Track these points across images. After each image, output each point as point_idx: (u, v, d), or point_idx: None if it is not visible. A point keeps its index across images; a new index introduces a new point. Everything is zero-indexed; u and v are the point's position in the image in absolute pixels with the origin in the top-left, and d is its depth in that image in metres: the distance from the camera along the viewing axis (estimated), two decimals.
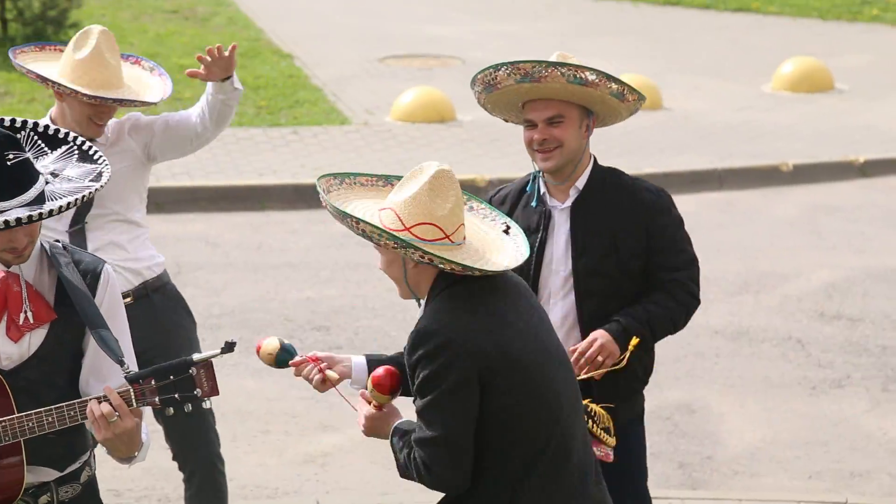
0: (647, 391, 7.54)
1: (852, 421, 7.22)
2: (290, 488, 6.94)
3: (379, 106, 13.15)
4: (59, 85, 5.79)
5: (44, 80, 5.88)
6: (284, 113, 13.21)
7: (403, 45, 16.53)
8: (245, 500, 6.74)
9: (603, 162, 5.71)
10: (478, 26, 17.78)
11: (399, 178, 4.09)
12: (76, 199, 4.05)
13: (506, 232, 4.22)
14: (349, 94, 13.90)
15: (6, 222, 3.88)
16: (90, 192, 4.08)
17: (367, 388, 4.19)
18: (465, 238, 4.00)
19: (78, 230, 5.90)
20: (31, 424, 4.09)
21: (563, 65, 4.91)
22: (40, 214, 3.93)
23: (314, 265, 9.38)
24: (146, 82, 6.01)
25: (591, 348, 4.89)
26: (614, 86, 4.96)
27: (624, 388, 5.06)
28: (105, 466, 4.73)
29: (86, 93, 5.68)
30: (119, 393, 3.96)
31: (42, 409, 4.04)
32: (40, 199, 3.99)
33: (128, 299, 5.70)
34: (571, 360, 4.75)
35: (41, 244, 4.20)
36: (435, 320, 3.92)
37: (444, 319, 3.91)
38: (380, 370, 4.11)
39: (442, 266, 3.87)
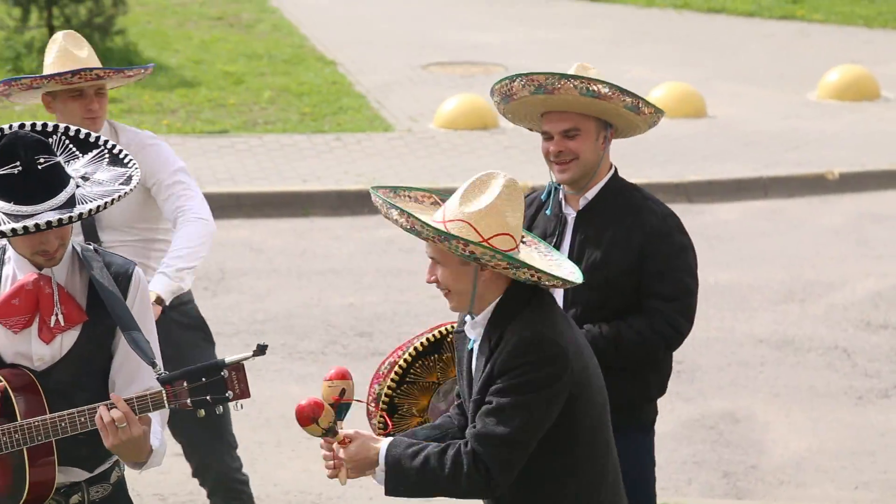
0: (690, 400, 7.45)
1: None
2: (334, 493, 6.93)
3: (422, 113, 13.14)
4: (30, 78, 5.84)
5: (18, 84, 5.93)
6: (328, 119, 13.18)
7: (447, 53, 16.51)
8: None
9: (645, 171, 5.85)
10: (521, 33, 17.74)
11: (445, 197, 4.06)
12: (105, 203, 4.08)
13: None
14: (392, 100, 13.92)
15: (36, 226, 3.92)
16: (120, 196, 4.11)
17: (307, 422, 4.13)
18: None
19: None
20: (46, 429, 4.18)
21: (575, 77, 4.90)
22: (70, 218, 3.97)
23: (357, 271, 9.44)
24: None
25: None
26: (628, 99, 4.96)
27: (630, 395, 5.09)
28: (151, 471, 4.72)
29: (47, 74, 5.72)
30: (152, 395, 4.02)
31: (55, 414, 4.15)
32: (71, 202, 4.04)
33: None
34: None
35: (73, 247, 4.25)
36: (547, 328, 4.02)
37: (553, 329, 4.02)
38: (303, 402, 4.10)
39: (530, 278, 3.99)
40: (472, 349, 4.34)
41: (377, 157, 11.88)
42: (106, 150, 4.33)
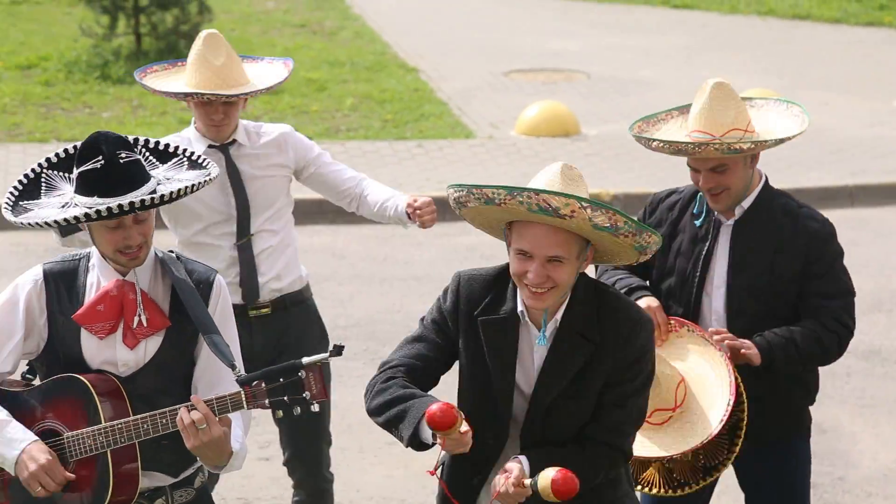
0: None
1: None
2: (416, 500, 6.89)
3: (504, 120, 13.14)
4: (156, 91, 5.96)
5: (156, 91, 6.04)
6: (410, 126, 13.21)
7: (528, 60, 16.45)
8: None
9: None
10: (601, 40, 17.64)
11: (522, 189, 4.04)
12: (187, 187, 4.09)
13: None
14: (474, 107, 13.91)
15: (120, 206, 3.94)
16: (202, 182, 4.19)
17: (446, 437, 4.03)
18: None
19: (245, 243, 6.01)
20: (128, 432, 4.18)
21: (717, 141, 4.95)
22: (153, 200, 3.98)
23: (438, 277, 9.30)
24: (261, 73, 6.13)
25: (737, 342, 4.90)
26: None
27: (795, 402, 5.15)
28: (234, 475, 4.75)
29: (160, 90, 5.90)
30: (230, 395, 4.04)
31: (138, 416, 4.18)
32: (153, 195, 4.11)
33: (265, 310, 5.94)
34: (718, 338, 4.96)
35: (155, 253, 4.27)
36: (637, 308, 4.25)
37: (638, 307, 4.31)
38: (435, 407, 4.02)
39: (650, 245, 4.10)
40: (538, 344, 4.29)
41: (458, 163, 11.87)
42: (185, 158, 4.34)
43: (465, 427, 3.93)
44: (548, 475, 3.95)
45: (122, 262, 4.20)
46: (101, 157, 4.10)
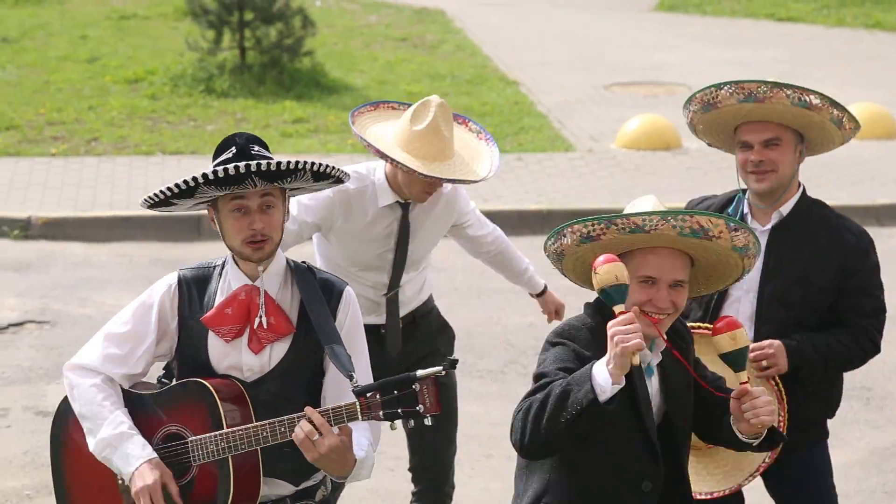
0: (880, 427, 7.49)
1: None
2: None
3: (604, 133, 13.05)
4: (398, 163, 5.82)
5: (383, 156, 5.91)
6: (510, 139, 13.11)
7: (628, 73, 16.36)
8: None
9: (833, 193, 5.82)
10: (703, 53, 17.54)
11: (677, 213, 4.16)
12: (307, 162, 4.14)
13: None
14: (574, 120, 13.80)
15: (236, 168, 4.01)
16: (331, 170, 4.25)
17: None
18: None
19: (392, 295, 6.14)
20: (249, 439, 4.23)
21: (788, 86, 4.79)
22: (279, 164, 4.04)
23: None
24: (474, 148, 6.16)
25: (762, 350, 4.91)
26: (836, 111, 4.84)
27: (816, 412, 5.16)
28: (357, 486, 4.54)
29: (422, 172, 5.77)
30: (346, 406, 4.02)
31: (258, 423, 4.20)
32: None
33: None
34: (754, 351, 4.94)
35: (287, 263, 4.30)
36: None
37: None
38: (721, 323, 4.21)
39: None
40: (650, 373, 4.26)
41: (558, 177, 11.81)
42: (308, 167, 4.33)
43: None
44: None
45: (249, 255, 4.25)
46: (233, 148, 4.19)
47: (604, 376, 3.94)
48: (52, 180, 12.54)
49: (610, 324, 3.90)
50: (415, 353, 6.05)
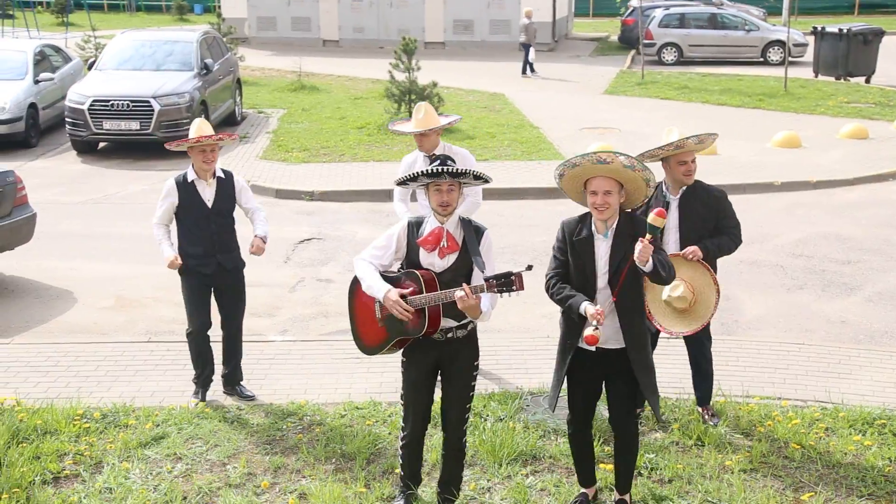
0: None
1: None
2: (544, 332, 9.44)
3: (579, 152, 13.43)
4: (398, 132, 7.27)
5: (399, 132, 7.30)
6: (534, 155, 15.76)
7: (591, 122, 18.80)
8: None
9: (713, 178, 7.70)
10: (628, 113, 19.69)
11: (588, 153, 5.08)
12: (480, 173, 5.01)
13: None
14: (566, 146, 16.39)
15: (434, 170, 4.84)
16: (487, 176, 5.06)
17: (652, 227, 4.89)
18: None
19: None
20: (432, 298, 4.96)
21: (694, 136, 5.87)
22: (455, 170, 4.87)
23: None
24: (442, 122, 7.12)
25: (692, 251, 6.08)
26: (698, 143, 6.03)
27: None
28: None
29: (407, 130, 7.03)
30: (480, 286, 4.85)
31: (441, 291, 4.96)
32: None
33: None
34: (684, 253, 5.99)
35: (458, 217, 5.10)
36: (643, 219, 5.03)
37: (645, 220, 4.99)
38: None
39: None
40: (602, 243, 5.02)
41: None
42: (471, 173, 5.06)
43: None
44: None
45: (440, 213, 5.05)
46: (437, 160, 5.06)
47: (582, 309, 4.94)
48: (323, 172, 15.02)
49: (643, 241, 4.78)
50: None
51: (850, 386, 7.60)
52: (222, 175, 7.09)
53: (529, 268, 4.79)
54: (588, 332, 4.89)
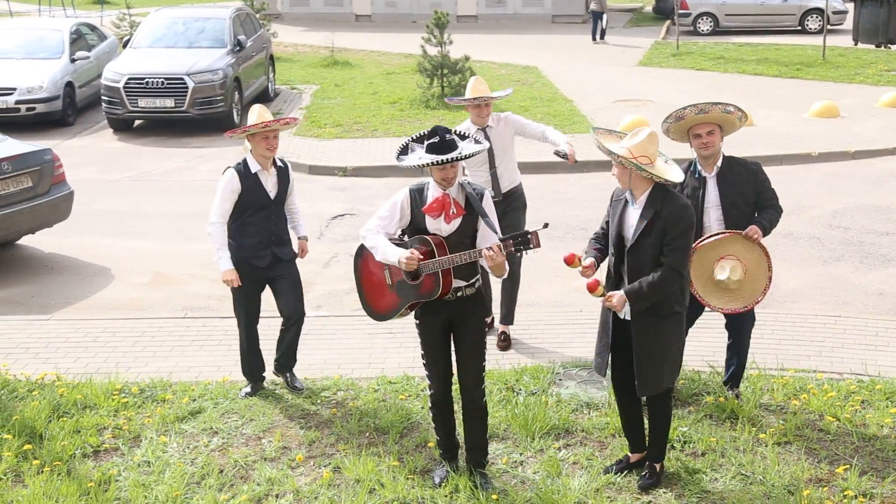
0: None
1: None
2: (578, 306, 8.13)
3: (611, 124, 14.55)
4: (457, 101, 7.62)
5: (454, 101, 7.71)
6: (567, 128, 15.47)
7: (624, 94, 19.01)
8: None
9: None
10: (662, 85, 20.13)
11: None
12: (471, 153, 5.12)
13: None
14: (598, 118, 16.46)
15: (444, 160, 5.04)
16: (479, 151, 5.24)
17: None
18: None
19: (493, 171, 7.45)
20: (454, 259, 5.17)
21: (718, 103, 5.87)
22: (460, 155, 5.06)
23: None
24: (495, 94, 7.53)
25: (754, 232, 6.10)
26: (740, 112, 5.94)
27: None
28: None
29: (465, 97, 7.40)
30: (497, 245, 5.07)
31: (451, 255, 5.18)
32: (458, 155, 5.12)
33: (497, 199, 7.29)
34: (747, 232, 6.03)
35: (459, 182, 5.31)
36: (685, 203, 5.14)
37: (686, 202, 5.19)
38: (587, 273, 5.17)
39: (653, 177, 5.01)
40: (630, 210, 5.21)
41: (589, 144, 12.32)
42: (472, 139, 5.39)
43: (587, 262, 5.17)
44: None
45: (443, 185, 5.27)
46: (437, 136, 5.14)
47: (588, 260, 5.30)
48: (356, 148, 15.21)
49: (603, 301, 5.13)
50: (508, 212, 7.20)
51: (887, 358, 7.60)
52: (281, 165, 6.93)
53: (545, 226, 4.99)
54: (567, 254, 5.16)
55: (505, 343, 7.82)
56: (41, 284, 9.88)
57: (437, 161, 5.10)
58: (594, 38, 27.79)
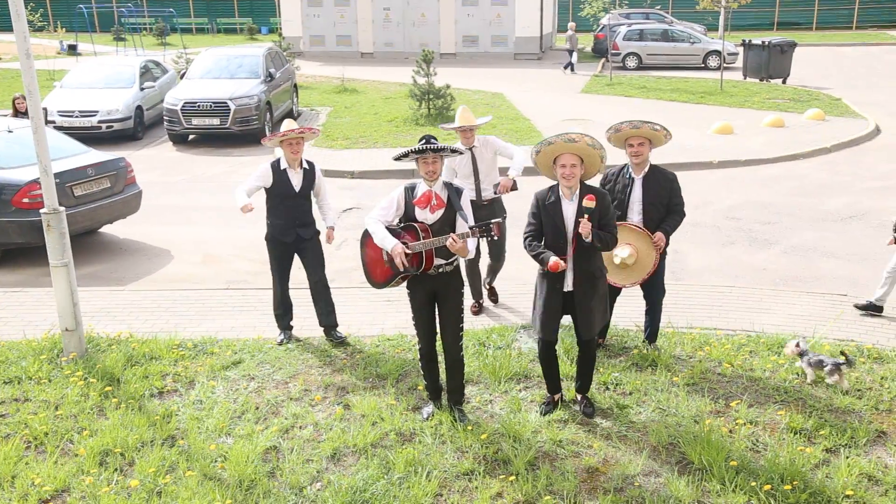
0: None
1: None
2: None
3: None
4: (447, 128, 7.12)
5: (446, 127, 7.14)
6: (525, 142, 15.07)
7: (571, 115, 18.44)
8: None
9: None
10: (599, 108, 19.23)
11: (561, 133, 5.08)
12: (449, 148, 4.92)
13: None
14: (551, 133, 16.00)
15: (422, 149, 4.86)
16: (459, 152, 5.05)
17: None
18: None
19: (477, 182, 6.95)
20: (427, 244, 5.05)
21: (648, 122, 5.50)
22: (429, 148, 4.86)
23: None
24: (476, 121, 7.20)
25: (660, 239, 5.95)
26: (665, 130, 5.64)
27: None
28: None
29: (451, 126, 7.07)
30: (465, 233, 4.89)
31: (433, 238, 5.01)
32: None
33: (485, 203, 6.99)
34: (655, 239, 5.84)
35: (442, 180, 5.14)
36: (600, 189, 5.12)
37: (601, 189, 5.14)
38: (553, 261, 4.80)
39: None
40: (568, 205, 4.94)
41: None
42: (449, 149, 5.10)
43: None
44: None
45: (428, 180, 5.11)
46: (425, 139, 5.08)
47: (550, 262, 4.89)
48: (361, 156, 14.70)
49: (581, 221, 4.75)
50: (488, 215, 6.89)
51: (770, 318, 7.52)
52: (307, 166, 6.86)
53: (504, 218, 5.23)
54: (552, 261, 4.94)
55: (477, 309, 7.65)
56: (117, 263, 9.81)
57: (420, 148, 4.98)
58: (565, 70, 27.14)
